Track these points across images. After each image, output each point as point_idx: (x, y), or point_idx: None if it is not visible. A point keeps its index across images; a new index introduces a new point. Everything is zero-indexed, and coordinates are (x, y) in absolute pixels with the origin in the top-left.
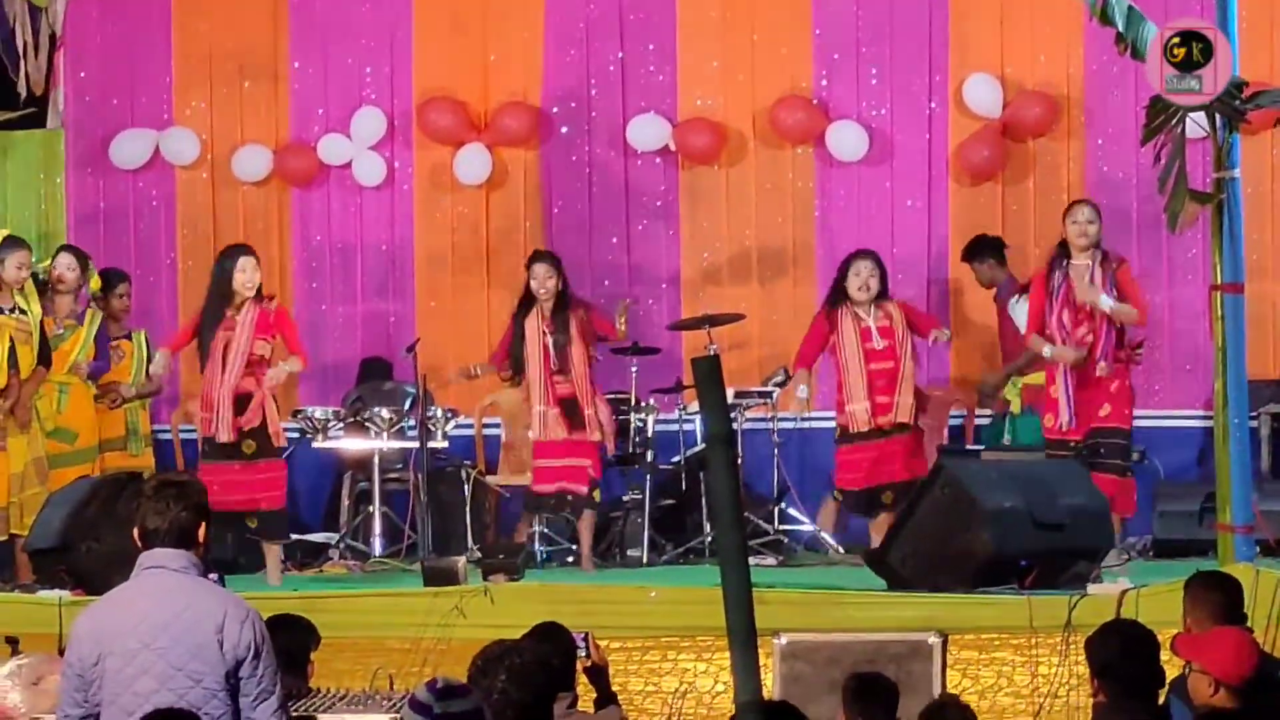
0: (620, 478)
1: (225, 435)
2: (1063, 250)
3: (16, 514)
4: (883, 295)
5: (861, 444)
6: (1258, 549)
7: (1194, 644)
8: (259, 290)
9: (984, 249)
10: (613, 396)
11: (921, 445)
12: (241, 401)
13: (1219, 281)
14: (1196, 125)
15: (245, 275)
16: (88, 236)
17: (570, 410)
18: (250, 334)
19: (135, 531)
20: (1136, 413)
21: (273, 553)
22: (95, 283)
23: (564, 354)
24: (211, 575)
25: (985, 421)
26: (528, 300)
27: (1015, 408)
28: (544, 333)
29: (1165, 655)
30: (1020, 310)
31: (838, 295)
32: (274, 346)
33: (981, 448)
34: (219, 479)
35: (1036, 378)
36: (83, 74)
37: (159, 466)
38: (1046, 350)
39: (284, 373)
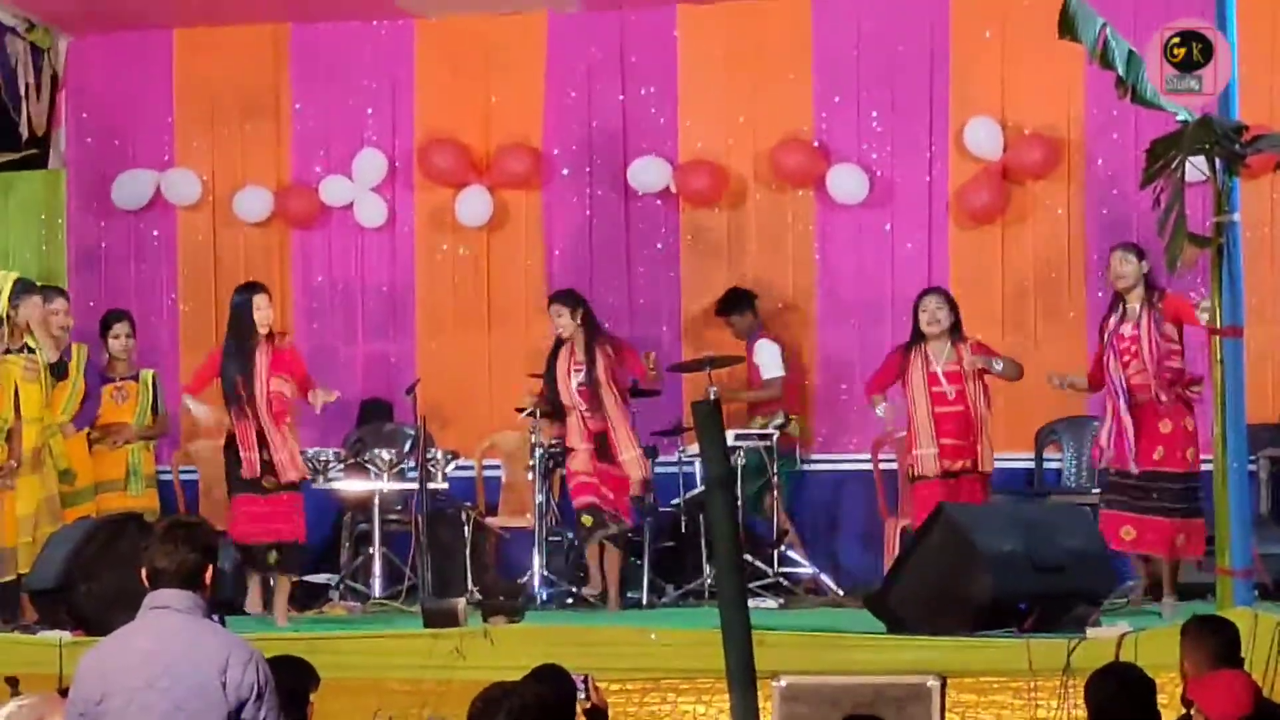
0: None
1: (253, 473)
2: (1117, 299)
3: (28, 554)
4: (956, 331)
5: (929, 482)
6: (1256, 593)
7: (1195, 686)
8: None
9: (739, 302)
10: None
11: (987, 489)
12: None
13: (1218, 325)
14: (1196, 169)
15: (262, 313)
16: (89, 277)
17: (602, 447)
18: (268, 373)
19: (144, 571)
20: None
21: (284, 590)
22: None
23: (593, 392)
24: (213, 617)
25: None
26: (559, 341)
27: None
28: (573, 371)
29: (1164, 699)
30: (764, 350)
31: (915, 335)
32: (291, 386)
33: None
34: (248, 510)
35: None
36: (84, 115)
37: (162, 508)
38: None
39: (327, 399)
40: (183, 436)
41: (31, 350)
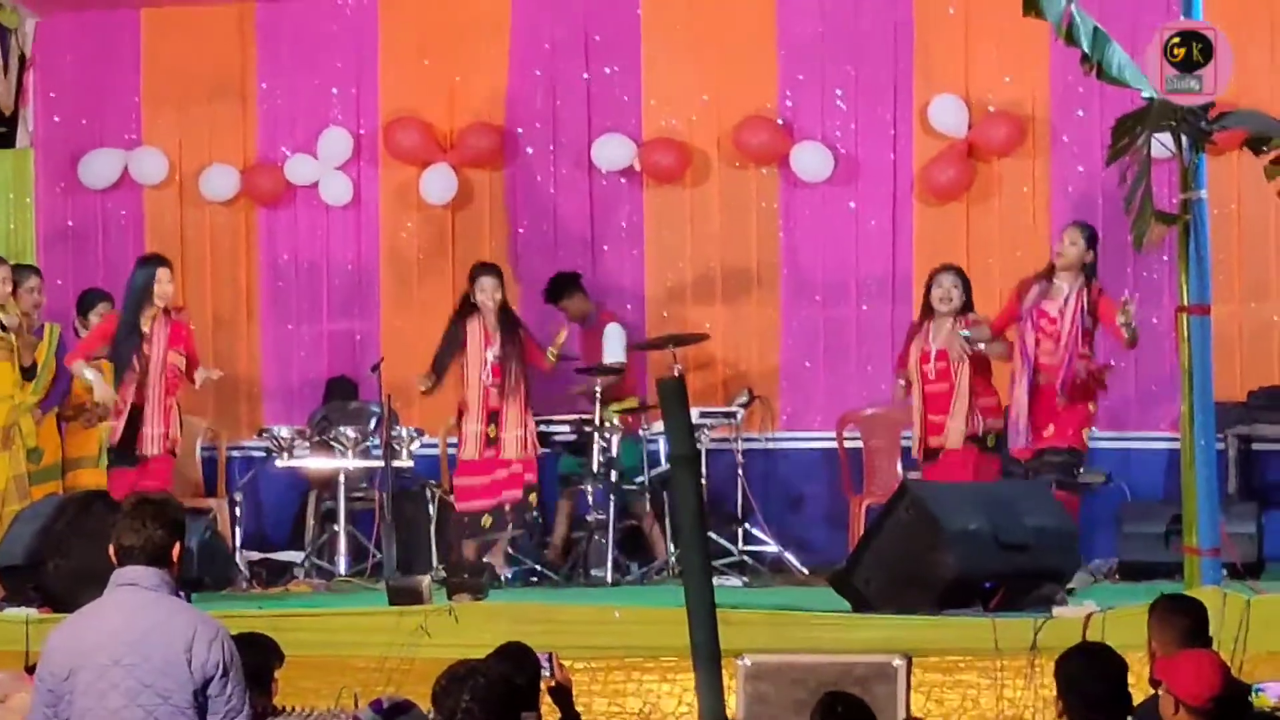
0: (584, 497)
1: (155, 449)
2: (1050, 272)
3: None
4: (968, 309)
5: (929, 465)
6: (1225, 572)
7: (1163, 665)
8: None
9: (567, 286)
10: (577, 416)
11: (990, 465)
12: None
13: (1185, 303)
14: (1162, 146)
15: (163, 286)
16: (57, 255)
17: (494, 423)
18: (166, 345)
19: (110, 548)
20: (1103, 434)
21: None
22: None
23: (506, 369)
24: (180, 593)
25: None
26: (466, 309)
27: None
28: (488, 346)
29: (1132, 679)
30: (612, 335)
31: (925, 309)
32: (184, 360)
33: None
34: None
35: (630, 403)
36: (52, 94)
37: None
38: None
39: (210, 376)
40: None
41: (4, 329)
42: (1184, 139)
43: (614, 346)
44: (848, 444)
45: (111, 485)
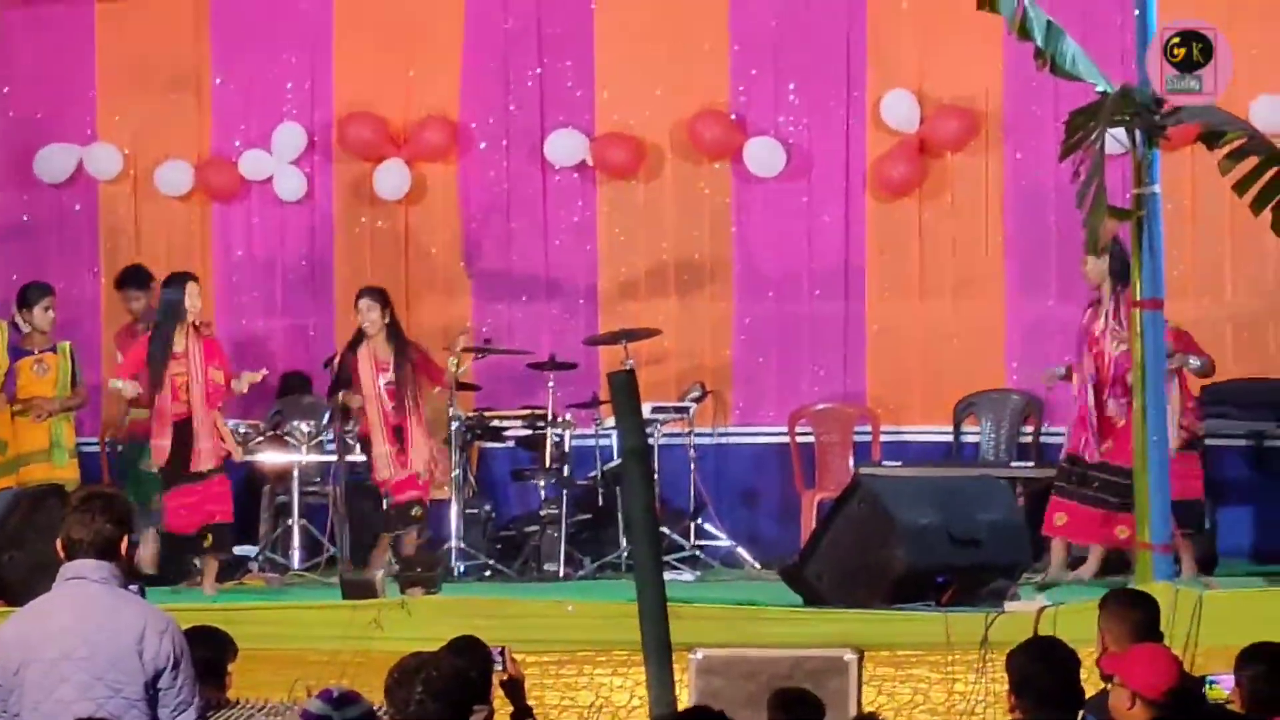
0: (536, 491)
1: (210, 464)
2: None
3: None
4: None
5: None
6: (1177, 567)
7: (1115, 659)
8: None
9: (135, 279)
10: (529, 411)
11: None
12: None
13: (1138, 298)
14: (1116, 141)
15: (192, 301)
16: (11, 249)
17: (399, 440)
18: (204, 362)
19: (59, 542)
20: (1051, 428)
21: (212, 567)
22: None
23: (403, 392)
24: (131, 586)
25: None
26: (357, 336)
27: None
28: (379, 371)
29: (1084, 673)
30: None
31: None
32: (222, 374)
33: (898, 464)
34: (183, 502)
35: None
36: (5, 88)
37: (84, 479)
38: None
39: (253, 380)
40: (122, 413)
41: None
42: (1138, 133)
43: None
44: (800, 439)
45: (171, 509)
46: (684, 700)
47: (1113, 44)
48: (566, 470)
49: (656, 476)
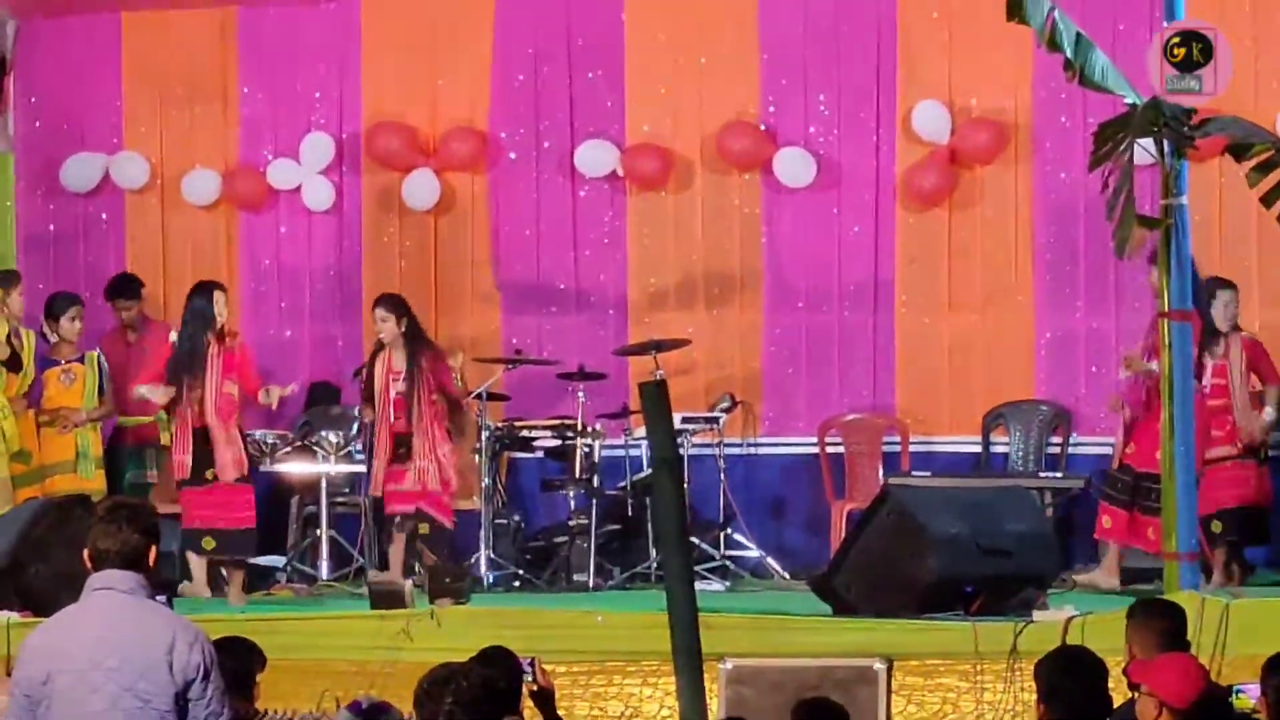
0: (565, 501)
1: (230, 476)
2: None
3: None
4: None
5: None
6: (1203, 576)
7: (1142, 668)
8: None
9: (127, 288)
10: (559, 421)
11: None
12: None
13: (1166, 308)
14: (1144, 151)
15: (219, 308)
16: (37, 259)
17: (400, 450)
18: (220, 375)
19: (85, 553)
20: (1081, 440)
21: (237, 577)
22: None
23: (409, 404)
24: (159, 597)
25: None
26: (378, 345)
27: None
28: (390, 380)
29: (1111, 683)
30: None
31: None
32: (238, 387)
33: (927, 474)
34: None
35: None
36: (33, 98)
37: (110, 489)
38: None
39: (282, 394)
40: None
41: None
42: (1166, 145)
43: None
44: (829, 449)
45: (188, 511)
46: (713, 711)
47: (1141, 56)
48: (596, 480)
49: (686, 487)
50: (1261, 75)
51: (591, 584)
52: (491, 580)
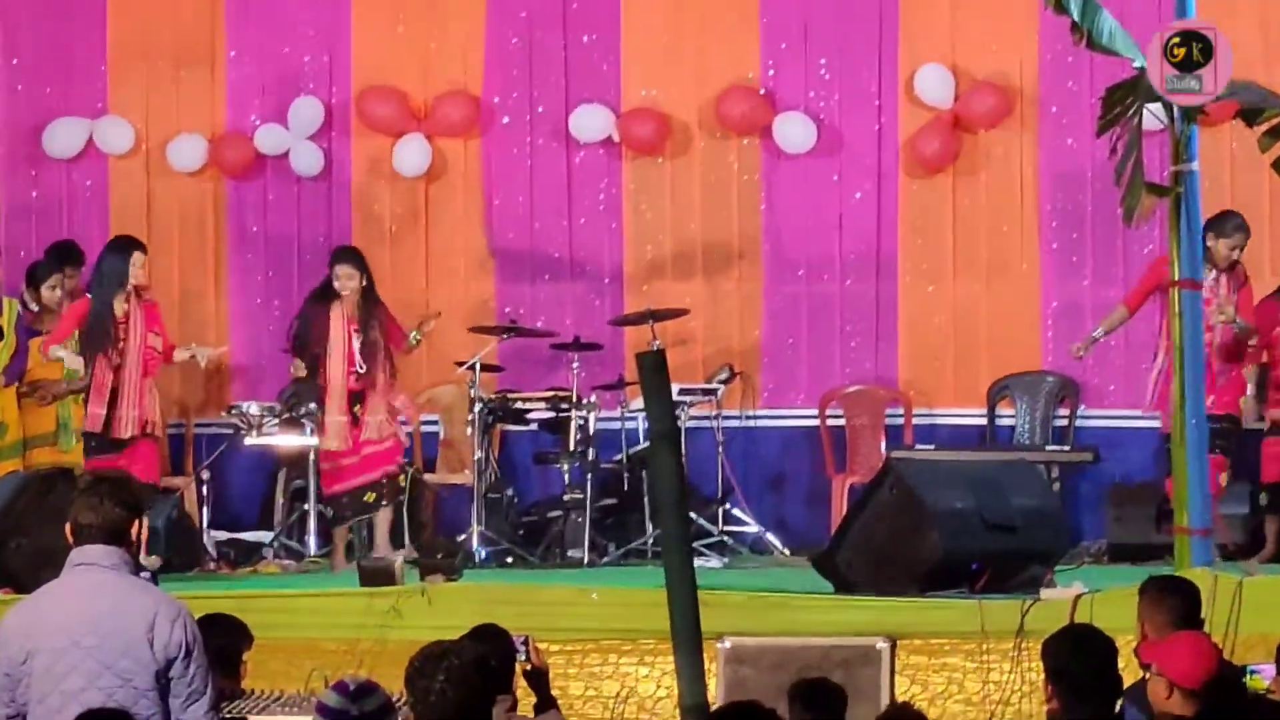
0: (559, 475)
1: (131, 431)
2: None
3: None
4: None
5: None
6: (1217, 553)
7: (1153, 647)
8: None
9: (70, 256)
10: (553, 393)
11: None
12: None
13: (1176, 277)
14: (1154, 117)
15: (137, 269)
16: (20, 227)
17: (358, 404)
18: (144, 328)
19: (67, 527)
20: (1089, 412)
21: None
22: None
23: (368, 356)
24: (144, 574)
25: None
26: (324, 294)
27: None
28: (353, 334)
29: (1122, 662)
30: None
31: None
32: (160, 341)
33: (930, 447)
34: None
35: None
36: (15, 61)
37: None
38: None
39: (213, 353)
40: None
41: None
42: (1176, 110)
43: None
44: (830, 422)
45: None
46: (712, 689)
47: (1150, 19)
48: (591, 454)
49: (684, 460)
50: (1271, 41)
51: (586, 560)
52: (484, 556)
